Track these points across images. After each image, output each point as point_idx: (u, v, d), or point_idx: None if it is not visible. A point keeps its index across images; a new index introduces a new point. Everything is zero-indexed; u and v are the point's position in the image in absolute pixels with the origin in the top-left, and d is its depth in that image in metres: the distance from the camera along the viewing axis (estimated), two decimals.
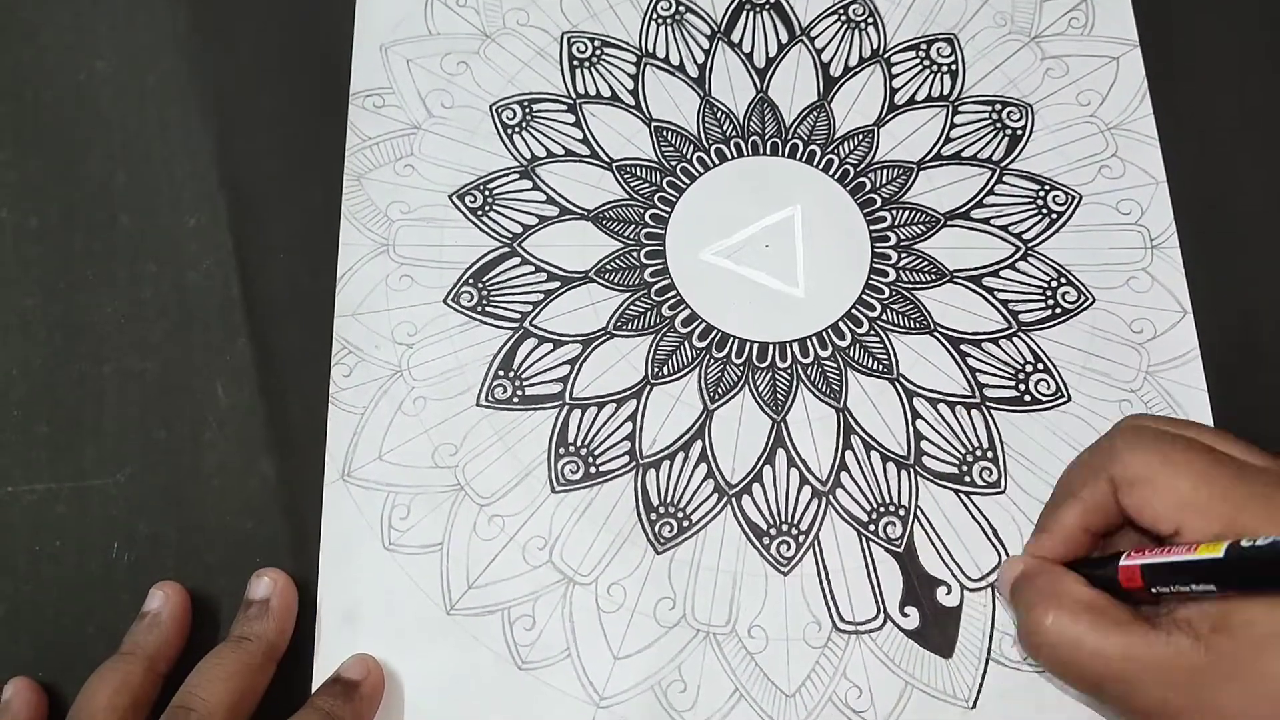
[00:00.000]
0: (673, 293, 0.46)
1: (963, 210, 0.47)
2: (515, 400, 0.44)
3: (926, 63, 0.50)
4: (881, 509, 0.43)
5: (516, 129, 0.48)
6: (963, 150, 0.48)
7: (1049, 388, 0.45)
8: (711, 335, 0.45)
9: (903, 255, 0.47)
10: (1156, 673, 0.33)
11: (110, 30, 0.50)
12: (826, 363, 0.45)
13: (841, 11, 0.51)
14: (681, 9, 0.51)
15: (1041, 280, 0.46)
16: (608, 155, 0.48)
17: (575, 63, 0.50)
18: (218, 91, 0.49)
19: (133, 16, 0.50)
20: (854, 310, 0.46)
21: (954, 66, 0.50)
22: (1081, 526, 0.37)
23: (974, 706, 0.40)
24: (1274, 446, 0.43)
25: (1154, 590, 0.35)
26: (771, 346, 0.45)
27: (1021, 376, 0.45)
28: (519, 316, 0.45)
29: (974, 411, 0.44)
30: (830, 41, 0.50)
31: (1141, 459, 0.35)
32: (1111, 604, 0.35)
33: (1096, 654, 0.34)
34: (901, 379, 0.44)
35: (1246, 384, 0.45)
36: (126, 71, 0.49)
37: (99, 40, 0.50)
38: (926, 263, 0.46)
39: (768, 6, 0.51)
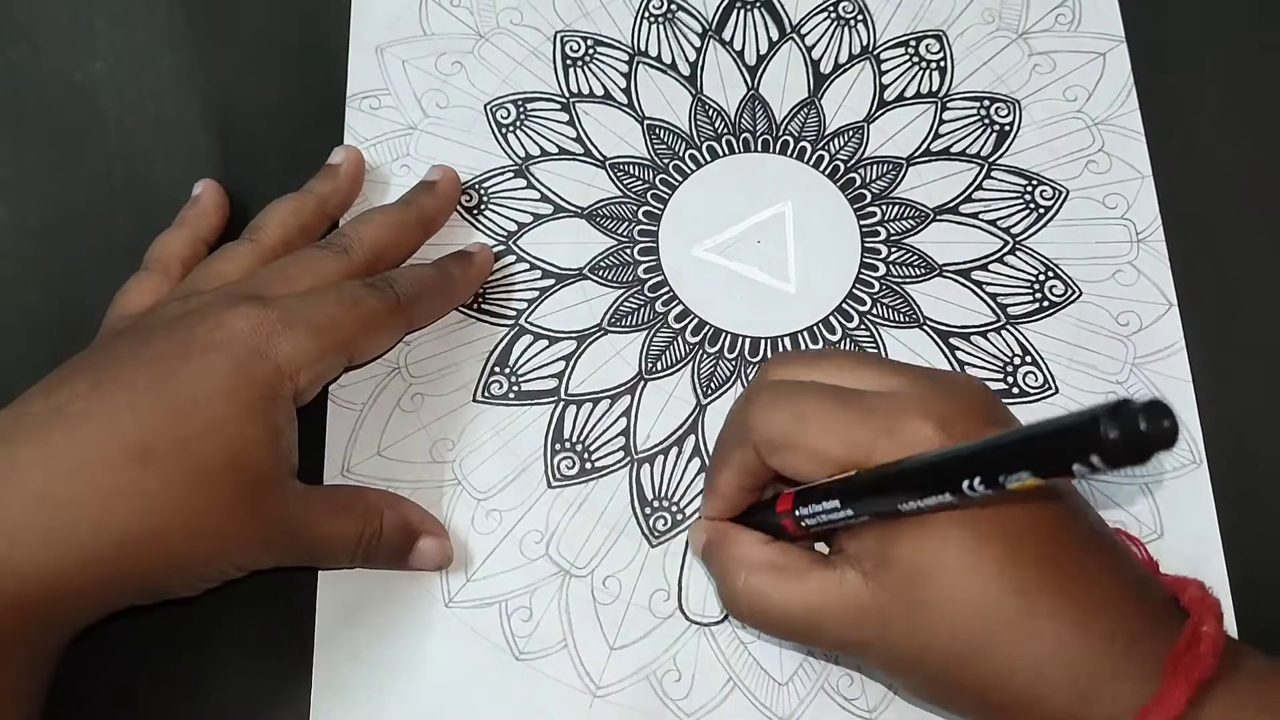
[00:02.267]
0: (666, 289, 0.46)
1: (951, 205, 0.48)
2: (511, 396, 0.44)
3: (915, 59, 0.51)
4: None
5: (511, 128, 0.49)
6: (951, 146, 0.49)
7: (1037, 380, 0.45)
8: (704, 331, 0.46)
9: (892, 250, 0.47)
10: (836, 614, 0.35)
11: (108, 30, 0.50)
12: None
13: (831, 9, 0.52)
14: (673, 7, 0.51)
15: (1029, 274, 0.47)
16: (601, 153, 0.49)
17: (569, 62, 0.50)
18: (216, 92, 0.49)
19: (130, 16, 0.50)
20: (844, 305, 0.46)
21: (943, 63, 0.51)
22: (738, 486, 0.38)
23: None
24: (1263, 441, 0.44)
25: (799, 517, 0.36)
26: (763, 341, 0.46)
27: (1010, 369, 0.45)
28: (515, 313, 0.46)
29: None
30: (820, 39, 0.51)
31: (773, 421, 0.36)
32: (791, 555, 0.36)
33: (784, 607, 0.36)
34: None
35: (1231, 376, 0.46)
36: (124, 71, 0.49)
37: (97, 40, 0.50)
38: (916, 257, 0.47)
39: (758, 4, 0.52)
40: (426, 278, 0.43)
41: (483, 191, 0.48)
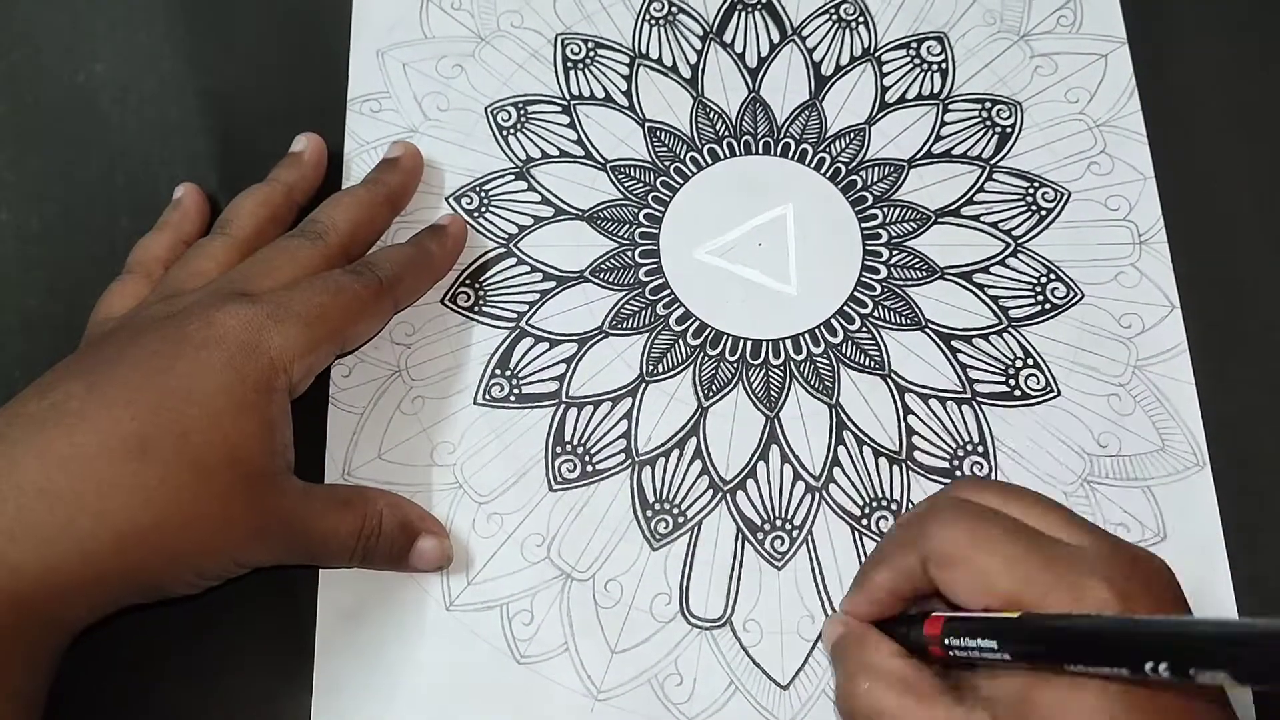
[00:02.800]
0: (667, 291, 0.46)
1: (953, 207, 0.48)
2: (512, 399, 0.44)
3: (917, 61, 0.51)
4: (874, 503, 0.43)
5: (511, 131, 0.49)
6: (953, 148, 0.49)
7: (1039, 383, 0.45)
8: (705, 333, 0.46)
9: (894, 252, 0.47)
10: None
11: (109, 33, 0.50)
12: (819, 359, 0.45)
13: (832, 11, 0.52)
14: (674, 10, 0.51)
15: (1031, 276, 0.47)
16: (602, 156, 0.48)
17: (569, 64, 0.50)
18: (216, 95, 0.49)
19: (131, 19, 0.50)
20: (846, 307, 0.46)
21: (944, 65, 0.51)
22: (890, 591, 0.37)
23: None
24: (1266, 443, 0.44)
25: (948, 645, 0.34)
26: (765, 344, 0.46)
27: (1011, 372, 0.45)
28: (515, 316, 0.46)
29: (965, 407, 0.45)
30: (821, 41, 0.51)
31: (951, 537, 0.34)
32: (923, 676, 0.35)
33: None
34: (893, 375, 0.45)
35: (1234, 378, 0.45)
36: (125, 74, 0.49)
37: (98, 43, 0.50)
38: (917, 259, 0.47)
39: (759, 6, 0.52)
40: (406, 257, 0.44)
41: (484, 194, 0.48)
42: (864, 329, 0.46)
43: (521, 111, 0.49)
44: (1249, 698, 0.41)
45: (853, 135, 0.49)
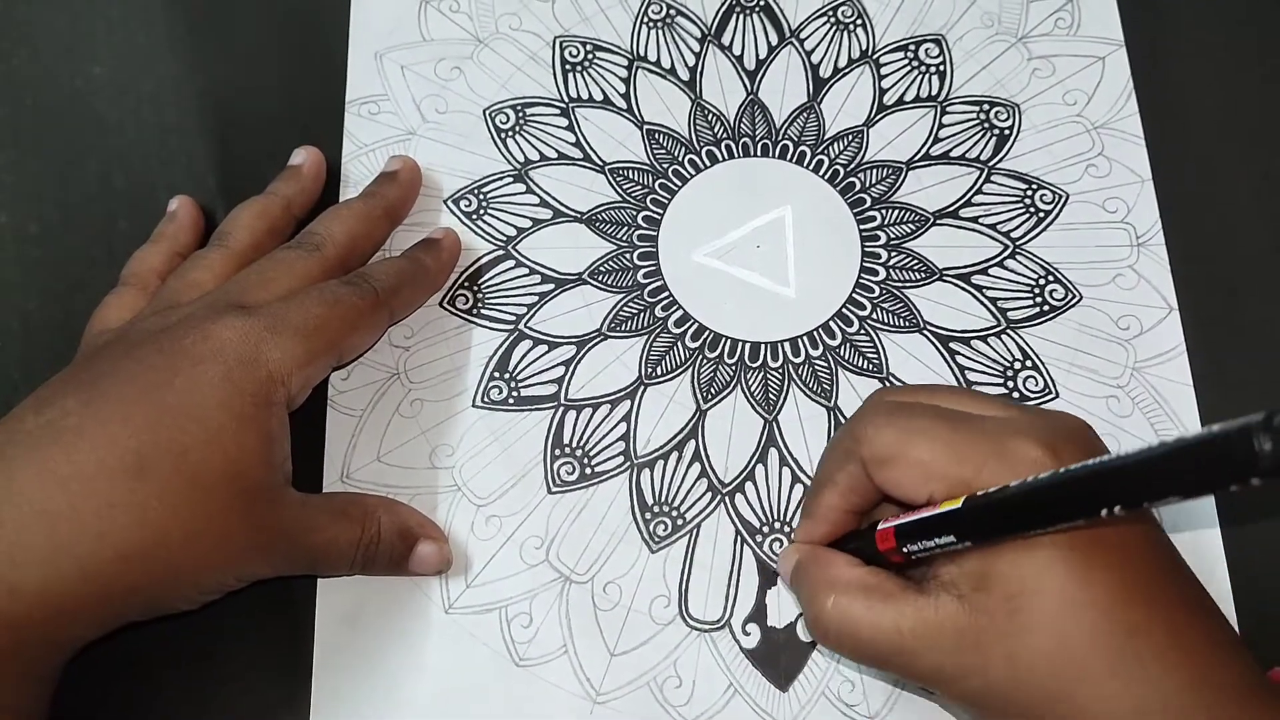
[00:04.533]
0: (665, 294, 0.46)
1: (951, 209, 0.48)
2: (511, 401, 0.44)
3: (915, 63, 0.51)
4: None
5: (510, 133, 0.49)
6: (951, 150, 0.49)
7: (1037, 384, 0.45)
8: (704, 336, 0.46)
9: (892, 254, 0.47)
10: (928, 639, 0.34)
11: (107, 35, 0.50)
12: (817, 362, 0.45)
13: (831, 13, 0.52)
14: (672, 12, 0.51)
15: (1029, 278, 0.47)
16: (600, 158, 0.48)
17: (568, 67, 0.50)
18: (215, 97, 0.49)
19: (129, 22, 0.50)
20: (844, 309, 0.46)
21: (942, 67, 0.51)
22: (841, 508, 0.38)
23: None
24: None
25: (907, 551, 0.35)
26: (763, 346, 0.46)
27: (1010, 374, 0.45)
28: (514, 318, 0.46)
29: None
30: (820, 43, 0.51)
31: (885, 437, 0.36)
32: (883, 578, 0.36)
33: (873, 629, 0.35)
34: (892, 377, 0.45)
35: (1231, 379, 0.45)
36: (124, 76, 0.49)
37: (96, 45, 0.50)
38: (916, 261, 0.47)
39: (757, 9, 0.52)
40: (401, 269, 0.43)
41: (482, 197, 0.48)
42: (862, 331, 0.46)
43: (520, 114, 0.49)
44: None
45: (851, 137, 0.49)
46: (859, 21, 0.51)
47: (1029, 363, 0.46)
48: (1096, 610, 0.32)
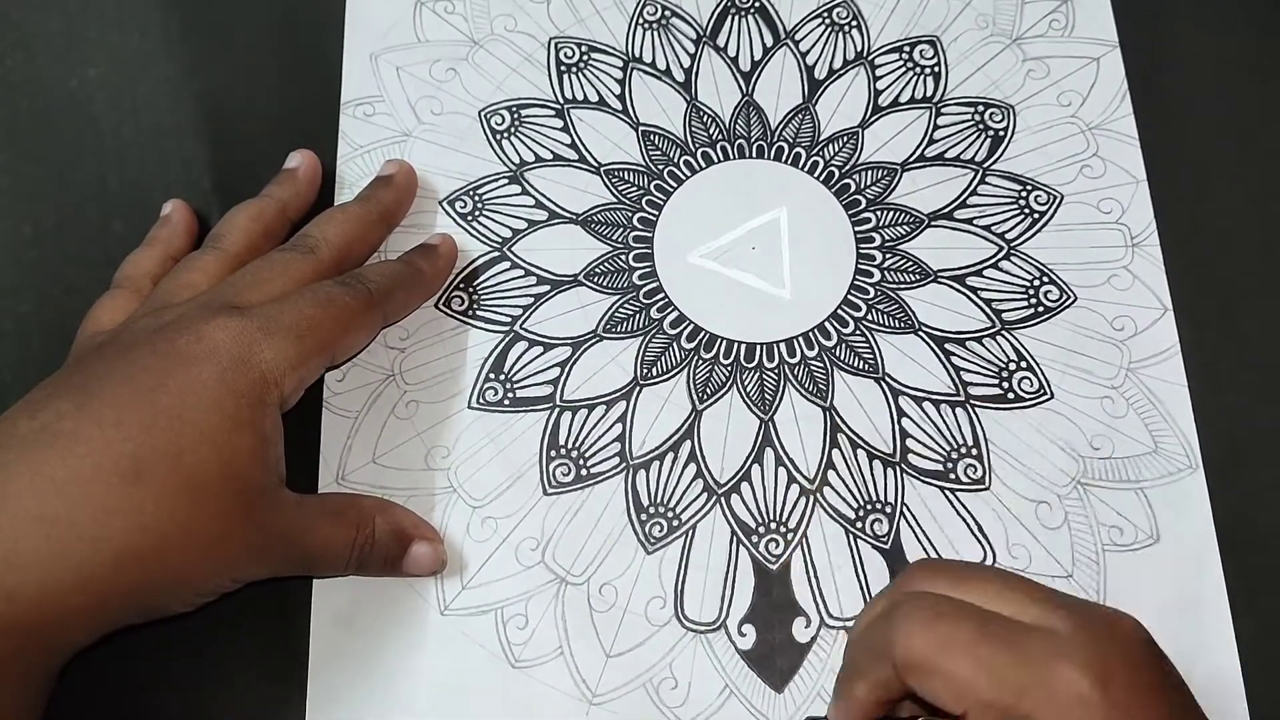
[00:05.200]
0: (661, 295, 0.46)
1: (946, 211, 0.48)
2: (507, 403, 0.44)
3: (910, 65, 0.51)
4: (868, 506, 0.43)
5: (505, 134, 0.49)
6: (946, 151, 0.49)
7: (1032, 385, 0.45)
8: (700, 337, 0.46)
9: (887, 256, 0.47)
10: None
11: (102, 37, 0.50)
12: (813, 363, 0.45)
13: (825, 15, 0.52)
14: (667, 14, 0.51)
15: (1024, 279, 0.47)
16: (596, 160, 0.48)
17: (563, 68, 0.50)
18: (210, 99, 0.49)
19: (124, 24, 0.50)
20: (840, 311, 0.46)
21: (937, 69, 0.51)
22: (872, 701, 0.35)
23: None
24: (1259, 446, 0.44)
25: None
26: (759, 347, 0.46)
27: (1005, 374, 0.45)
28: (510, 320, 0.46)
29: (958, 410, 0.45)
30: (815, 44, 0.51)
31: (917, 645, 0.33)
32: None
33: None
34: (887, 378, 0.45)
35: (1226, 380, 0.46)
36: (119, 79, 0.49)
37: (91, 47, 0.50)
38: (911, 263, 0.47)
39: (752, 10, 0.52)
40: (396, 272, 0.43)
41: (478, 198, 0.48)
42: (858, 332, 0.46)
43: (515, 115, 0.49)
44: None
45: (846, 139, 0.49)
46: (854, 23, 0.52)
47: (1024, 364, 0.46)
48: None
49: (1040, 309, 0.46)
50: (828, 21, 0.52)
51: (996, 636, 0.32)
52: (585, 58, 0.50)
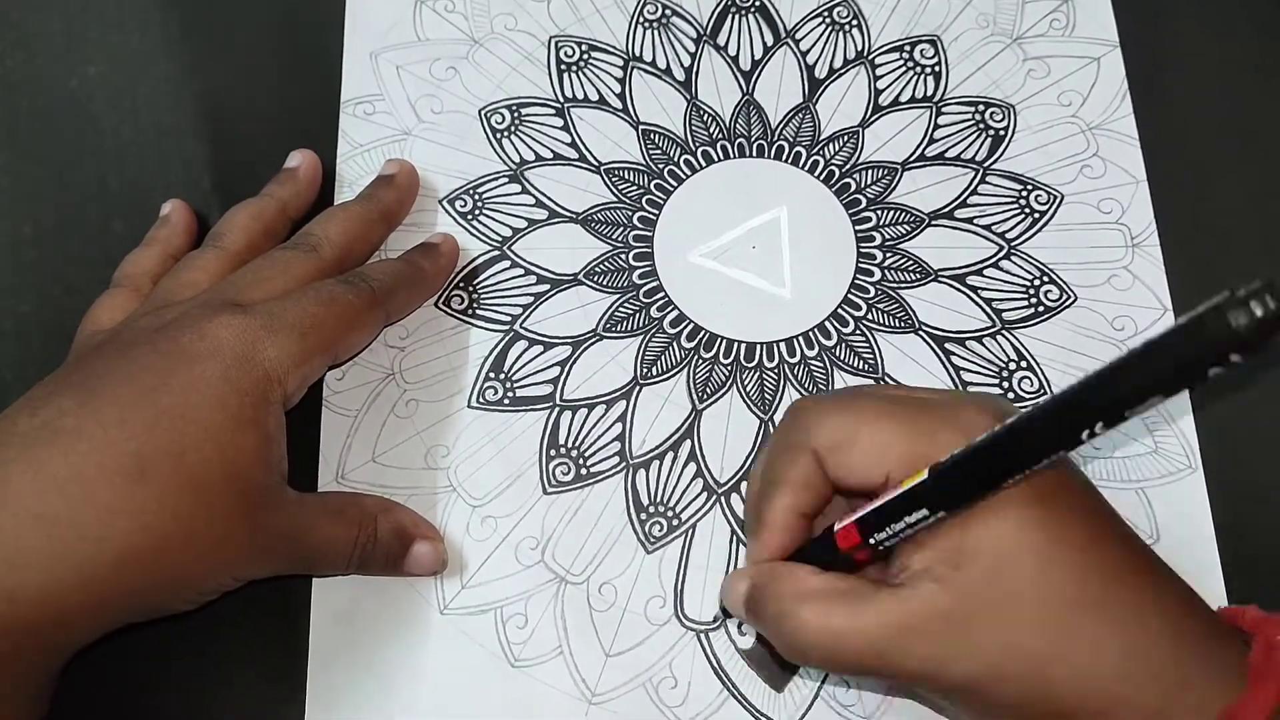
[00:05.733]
0: (661, 294, 0.46)
1: (946, 210, 0.48)
2: (506, 402, 0.44)
3: (910, 64, 0.51)
4: None
5: (505, 133, 0.49)
6: (946, 151, 0.49)
7: (1032, 385, 0.45)
8: (700, 336, 0.46)
9: (887, 255, 0.47)
10: (916, 630, 0.33)
11: (102, 36, 0.50)
12: (813, 362, 0.45)
13: (826, 14, 0.52)
14: (668, 12, 0.51)
15: (1024, 279, 0.47)
16: (596, 159, 0.48)
17: (563, 67, 0.50)
18: (210, 99, 0.49)
19: (124, 23, 0.50)
20: (840, 310, 0.46)
21: (937, 68, 0.51)
22: (796, 512, 0.36)
23: None
24: (1259, 446, 0.44)
25: (873, 541, 0.34)
26: (759, 347, 0.46)
27: (1005, 374, 0.45)
28: (509, 319, 0.46)
29: None
30: (815, 44, 0.51)
31: (838, 422, 0.35)
32: (854, 582, 0.35)
33: (858, 634, 0.33)
34: (887, 378, 0.45)
35: (1225, 379, 0.45)
36: (119, 78, 0.49)
37: (91, 46, 0.50)
38: (911, 262, 0.47)
39: (753, 9, 0.52)
40: (398, 271, 0.43)
41: (477, 197, 0.48)
42: (858, 332, 0.46)
43: (515, 114, 0.49)
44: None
45: (846, 138, 0.49)
46: (854, 22, 0.52)
47: (1024, 363, 0.46)
48: (1072, 565, 0.33)
49: (1040, 309, 0.46)
50: (828, 21, 0.52)
51: (900, 401, 0.35)
52: (585, 56, 0.50)
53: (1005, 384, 0.45)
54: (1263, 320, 0.24)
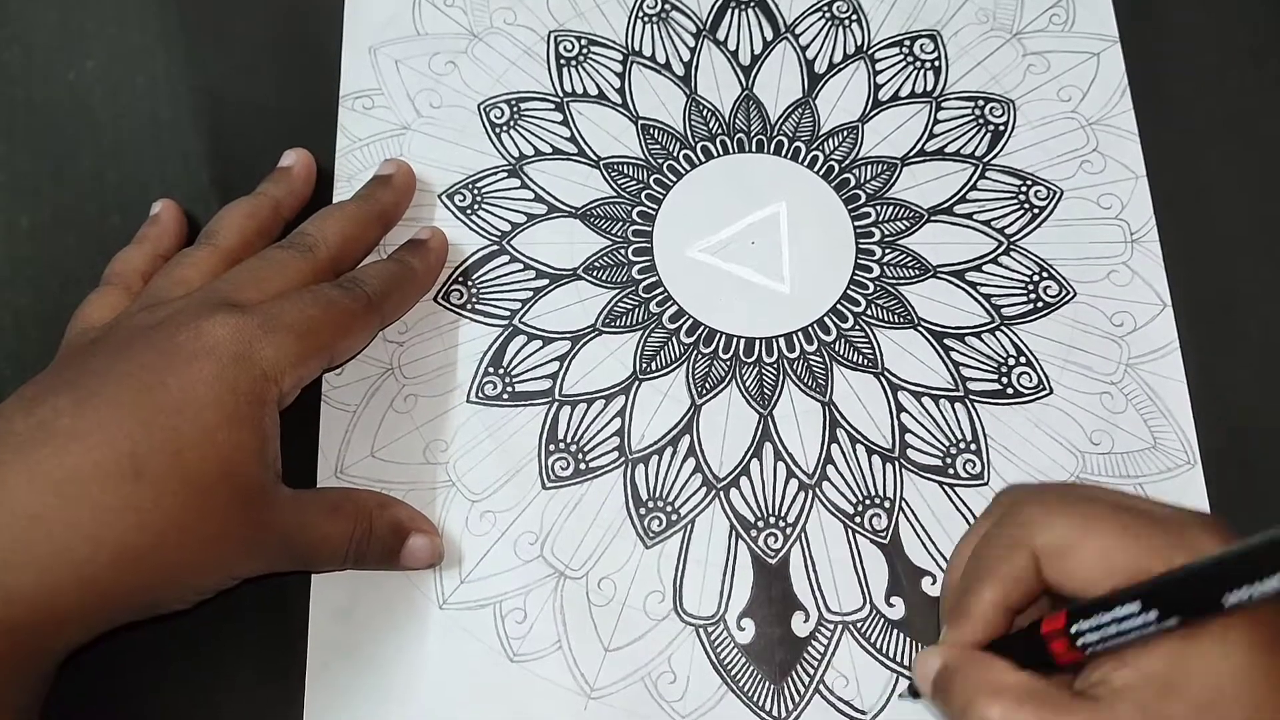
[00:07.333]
0: (660, 289, 0.46)
1: (946, 206, 0.48)
2: (505, 397, 0.44)
3: (910, 59, 0.51)
4: (867, 501, 0.43)
5: (505, 128, 0.49)
6: (946, 146, 0.49)
7: (1031, 380, 0.45)
8: (699, 331, 0.46)
9: (887, 251, 0.47)
10: None
11: (100, 30, 0.50)
12: (812, 357, 0.45)
13: (826, 9, 0.52)
14: (667, 7, 0.51)
15: (1023, 274, 0.47)
16: (595, 153, 0.48)
17: (562, 61, 0.50)
18: (208, 92, 0.49)
19: (122, 16, 0.50)
20: (839, 305, 0.46)
21: (937, 63, 0.51)
22: (1002, 605, 0.35)
23: None
24: (1258, 442, 0.44)
25: (1077, 635, 0.32)
26: (758, 342, 0.46)
27: (1004, 370, 0.45)
28: (508, 314, 0.46)
29: (957, 405, 0.45)
30: (815, 38, 0.51)
31: (1061, 525, 0.33)
32: (1049, 687, 0.33)
33: None
34: (886, 373, 0.45)
35: (1225, 375, 0.46)
36: (117, 71, 0.49)
37: (89, 39, 0.50)
38: (910, 258, 0.47)
39: (752, 4, 0.51)
40: (391, 273, 0.43)
41: (477, 192, 0.48)
42: (857, 327, 0.46)
43: (514, 109, 0.49)
44: None
45: (846, 133, 0.49)
46: (854, 17, 0.51)
47: (1023, 359, 0.46)
48: None
49: (1040, 304, 0.46)
50: (828, 15, 0.51)
51: (1130, 510, 0.33)
52: (585, 51, 0.50)
53: (1004, 379, 0.45)
54: None
